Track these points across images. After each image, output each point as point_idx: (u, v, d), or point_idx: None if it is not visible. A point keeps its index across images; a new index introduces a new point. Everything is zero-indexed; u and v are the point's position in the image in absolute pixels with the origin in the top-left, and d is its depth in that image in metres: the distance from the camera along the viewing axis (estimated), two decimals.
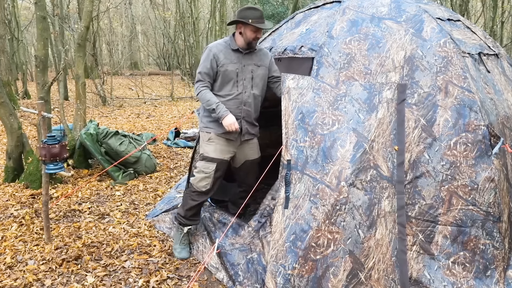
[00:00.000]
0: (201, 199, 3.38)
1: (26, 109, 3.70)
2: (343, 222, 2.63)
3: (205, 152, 3.35)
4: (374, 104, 2.83)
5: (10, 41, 13.16)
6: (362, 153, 2.70)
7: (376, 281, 2.61)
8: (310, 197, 2.69)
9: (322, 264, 2.58)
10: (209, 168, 3.31)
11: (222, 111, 3.15)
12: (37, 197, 4.66)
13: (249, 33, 3.20)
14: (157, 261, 3.35)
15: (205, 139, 3.37)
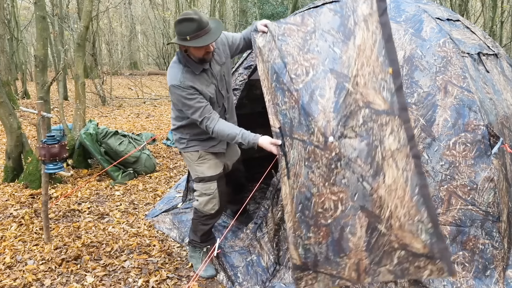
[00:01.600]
0: (213, 221, 3.19)
1: (25, 109, 3.70)
2: (344, 179, 2.34)
3: (199, 173, 3.07)
4: (349, 29, 2.38)
5: (10, 41, 13.16)
6: (345, 95, 2.32)
7: (399, 229, 2.21)
8: (304, 162, 2.46)
9: (336, 226, 2.35)
10: (210, 188, 3.06)
11: (249, 139, 2.75)
12: (37, 197, 4.66)
13: (195, 51, 2.75)
14: (157, 261, 3.35)
15: (194, 159, 3.07)
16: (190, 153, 3.08)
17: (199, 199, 3.10)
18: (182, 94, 2.77)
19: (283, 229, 2.95)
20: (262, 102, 5.57)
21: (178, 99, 2.80)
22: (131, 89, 15.92)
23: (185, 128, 3.04)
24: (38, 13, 5.28)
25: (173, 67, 2.85)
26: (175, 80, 2.78)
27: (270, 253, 3.01)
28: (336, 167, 2.35)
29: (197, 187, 3.11)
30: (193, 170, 3.12)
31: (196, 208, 3.13)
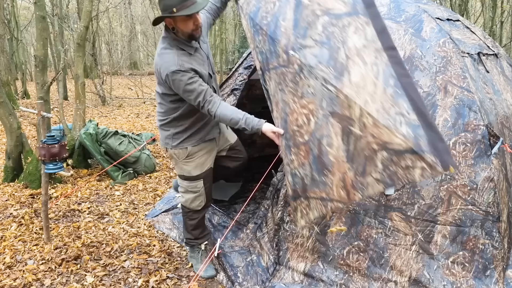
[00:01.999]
0: (200, 215, 3.15)
1: (25, 109, 3.70)
2: (309, 89, 2.26)
3: (185, 172, 2.98)
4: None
5: (10, 41, 13.16)
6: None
7: (374, 126, 2.05)
8: (277, 86, 2.46)
9: (313, 142, 2.29)
10: (197, 187, 3.01)
11: (253, 124, 2.60)
12: (37, 197, 4.66)
13: (182, 25, 2.62)
14: (157, 261, 3.35)
15: (182, 157, 2.95)
16: (178, 151, 2.94)
17: (184, 196, 3.07)
18: (183, 78, 2.62)
19: (283, 229, 2.95)
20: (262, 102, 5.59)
21: (179, 85, 2.64)
22: (131, 89, 15.92)
23: (178, 121, 2.88)
24: (38, 13, 5.28)
25: (165, 53, 2.67)
26: (174, 65, 2.62)
27: (270, 253, 3.01)
28: (300, 78, 2.29)
29: (182, 184, 3.05)
30: (179, 167, 3.04)
31: (183, 204, 3.12)
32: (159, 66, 2.70)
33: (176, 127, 2.91)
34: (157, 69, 2.74)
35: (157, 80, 2.85)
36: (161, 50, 2.71)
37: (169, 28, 2.70)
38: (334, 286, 2.78)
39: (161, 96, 2.87)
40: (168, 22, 2.66)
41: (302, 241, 2.90)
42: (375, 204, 2.79)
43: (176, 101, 2.82)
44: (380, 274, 2.75)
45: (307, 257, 2.90)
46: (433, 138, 1.92)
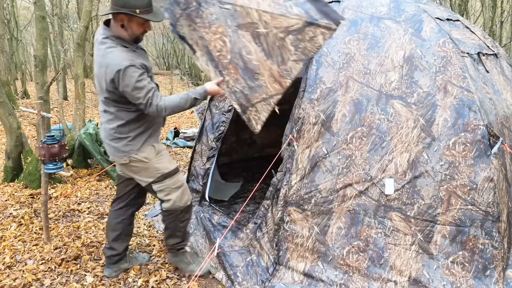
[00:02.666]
0: (191, 211, 3.06)
1: (25, 108, 3.70)
2: (213, 16, 2.64)
3: (164, 169, 2.86)
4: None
5: (9, 40, 13.14)
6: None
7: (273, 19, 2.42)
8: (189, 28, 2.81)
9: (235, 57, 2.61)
10: (179, 180, 2.93)
11: (199, 92, 2.71)
12: (36, 197, 4.65)
13: (136, 27, 2.65)
14: (156, 261, 3.35)
15: (153, 157, 2.84)
16: (146, 152, 2.81)
17: (171, 197, 2.90)
18: (135, 75, 2.55)
19: (283, 229, 2.95)
20: None
21: (129, 81, 2.54)
22: None
23: (135, 122, 2.76)
24: (37, 13, 5.27)
25: (111, 52, 2.59)
26: (125, 60, 2.55)
27: (270, 253, 3.01)
28: (202, 11, 2.67)
29: (162, 186, 2.88)
30: (153, 170, 2.85)
31: (170, 208, 2.94)
32: (106, 66, 2.58)
33: (135, 130, 2.77)
34: (102, 72, 2.61)
35: (100, 88, 2.70)
36: (105, 50, 2.61)
37: (112, 27, 2.66)
38: (334, 286, 2.78)
39: (111, 103, 2.71)
40: (121, 19, 2.62)
41: (302, 241, 2.90)
42: (375, 204, 2.79)
43: (127, 103, 2.69)
44: (380, 274, 2.75)
45: (307, 257, 2.90)
46: (318, 6, 2.29)
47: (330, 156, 2.87)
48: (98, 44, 2.68)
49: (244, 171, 5.11)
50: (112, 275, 3.13)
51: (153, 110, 2.62)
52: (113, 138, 2.78)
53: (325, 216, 2.86)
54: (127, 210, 3.13)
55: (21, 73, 14.41)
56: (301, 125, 2.96)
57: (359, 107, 2.89)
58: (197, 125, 8.73)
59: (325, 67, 3.02)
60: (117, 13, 2.61)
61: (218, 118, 3.81)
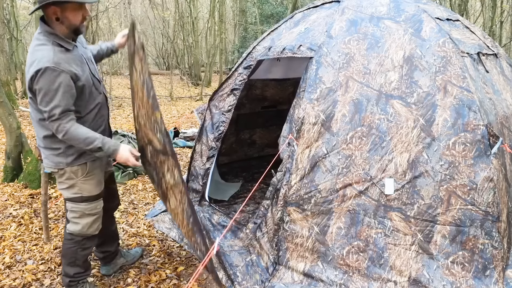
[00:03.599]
0: (94, 241, 2.83)
1: (25, 108, 3.70)
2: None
3: (85, 192, 2.62)
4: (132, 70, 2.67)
5: (9, 40, 13.14)
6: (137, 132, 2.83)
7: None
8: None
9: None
10: (97, 208, 2.70)
11: (110, 145, 2.48)
12: (36, 197, 4.66)
13: (72, 15, 2.37)
14: (156, 261, 3.35)
15: (80, 175, 2.59)
16: (76, 167, 2.56)
17: (80, 221, 2.65)
18: (57, 79, 2.29)
19: (282, 229, 2.95)
20: (261, 102, 5.59)
21: (44, 83, 2.28)
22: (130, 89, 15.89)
23: None
24: (37, 13, 5.27)
25: (39, 50, 2.33)
26: (48, 61, 2.28)
27: (270, 253, 3.01)
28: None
29: (76, 208, 2.64)
30: (74, 188, 2.61)
31: (74, 233, 2.68)
32: (30, 64, 2.33)
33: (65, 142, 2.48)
34: (27, 70, 2.36)
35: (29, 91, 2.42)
36: (35, 48, 2.37)
37: (46, 21, 2.41)
38: (333, 286, 2.78)
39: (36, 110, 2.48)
40: (53, 11, 2.35)
41: (302, 241, 2.90)
42: (374, 204, 2.79)
43: None
44: (380, 274, 2.75)
45: (307, 257, 2.90)
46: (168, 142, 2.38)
47: (330, 156, 2.87)
48: (32, 40, 2.44)
49: (243, 171, 5.11)
50: (110, 272, 3.14)
51: (52, 126, 2.38)
52: (44, 148, 2.59)
53: (325, 216, 2.86)
54: (104, 215, 2.87)
55: (21, 73, 14.39)
56: (301, 125, 2.96)
57: (359, 107, 2.89)
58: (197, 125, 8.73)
59: (325, 67, 3.02)
60: (46, 5, 2.32)
61: (218, 118, 3.81)
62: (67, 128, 2.36)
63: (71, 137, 2.38)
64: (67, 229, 2.72)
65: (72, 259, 2.74)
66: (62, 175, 2.60)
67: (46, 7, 2.33)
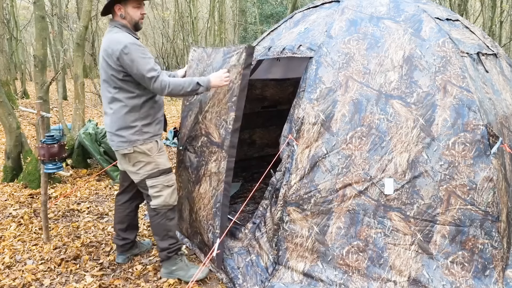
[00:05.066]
0: (176, 213, 3.10)
1: (24, 108, 3.69)
2: (184, 177, 3.44)
3: (162, 165, 2.96)
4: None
5: (9, 40, 13.15)
6: (195, 123, 3.30)
7: (198, 222, 3.25)
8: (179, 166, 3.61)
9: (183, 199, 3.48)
10: (172, 179, 3.02)
11: (203, 78, 2.85)
12: (36, 197, 4.65)
13: (133, 11, 2.83)
14: (156, 261, 3.34)
15: (155, 151, 2.93)
16: (150, 145, 2.90)
17: (162, 193, 2.96)
18: (140, 49, 2.70)
19: (282, 229, 2.95)
20: (261, 102, 5.58)
21: (135, 57, 2.68)
22: None
23: (140, 109, 2.85)
24: (37, 13, 5.27)
25: (116, 35, 2.76)
26: (130, 38, 2.73)
27: (269, 253, 3.01)
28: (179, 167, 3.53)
29: (156, 182, 2.94)
30: (152, 164, 2.92)
31: (158, 206, 2.97)
32: (111, 47, 2.72)
33: (142, 119, 2.86)
34: (107, 55, 2.74)
35: (106, 75, 2.79)
36: (112, 35, 2.78)
37: (115, 18, 2.85)
38: (333, 286, 2.78)
39: (117, 89, 2.80)
40: (118, 8, 2.80)
41: (302, 241, 2.90)
42: (374, 204, 2.79)
43: (136, 86, 2.80)
44: (380, 274, 2.75)
45: (307, 257, 2.90)
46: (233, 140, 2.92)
47: (329, 156, 2.87)
48: (106, 34, 2.86)
49: (243, 171, 5.11)
50: (125, 260, 3.31)
51: (157, 85, 2.73)
52: (120, 128, 2.85)
53: (325, 216, 2.86)
54: (131, 204, 3.26)
55: (21, 73, 14.42)
56: (301, 125, 2.96)
57: (359, 107, 2.89)
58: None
59: (325, 67, 3.02)
60: (114, 2, 2.79)
61: None
62: (168, 81, 2.74)
63: (175, 87, 2.77)
64: (151, 205, 2.99)
65: (164, 232, 3.01)
66: (137, 155, 2.89)
67: (113, 4, 2.79)
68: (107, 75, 2.80)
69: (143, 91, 2.83)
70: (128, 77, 2.77)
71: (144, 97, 2.85)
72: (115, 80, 2.78)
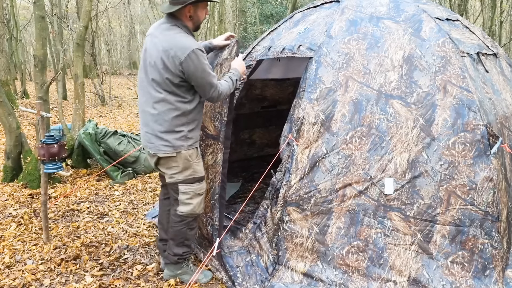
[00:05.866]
0: (197, 222, 3.06)
1: (24, 108, 3.69)
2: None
3: (199, 173, 2.90)
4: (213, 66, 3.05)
5: (9, 40, 13.14)
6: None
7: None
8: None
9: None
10: (203, 188, 2.96)
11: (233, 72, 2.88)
12: (36, 197, 4.65)
13: (201, 12, 2.79)
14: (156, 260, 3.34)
15: (194, 157, 2.87)
16: (191, 151, 2.83)
17: (192, 201, 2.89)
18: (203, 56, 2.65)
19: (282, 229, 2.95)
20: (261, 102, 5.58)
21: (200, 64, 2.62)
22: (130, 89, 15.91)
23: (191, 115, 2.78)
24: (37, 13, 5.27)
25: (180, 36, 2.67)
26: (195, 44, 2.65)
27: (269, 253, 3.01)
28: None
29: (189, 189, 2.87)
30: (188, 170, 2.84)
31: (186, 213, 2.90)
32: (175, 50, 2.60)
33: (188, 124, 2.78)
34: (167, 56, 2.62)
35: (158, 75, 2.67)
36: (175, 35, 2.66)
37: (179, 17, 2.75)
38: (333, 286, 2.78)
39: (168, 91, 2.70)
40: (189, 9, 2.72)
41: (302, 241, 2.90)
42: (374, 204, 2.79)
43: (189, 91, 2.74)
44: (379, 274, 2.75)
45: (307, 257, 2.90)
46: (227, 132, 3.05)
47: (329, 156, 2.87)
48: (163, 30, 2.73)
49: (243, 171, 5.11)
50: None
51: (215, 94, 2.72)
52: (165, 131, 2.75)
53: (325, 216, 2.86)
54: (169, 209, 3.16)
55: (21, 73, 14.40)
56: (301, 125, 2.96)
57: (359, 107, 2.89)
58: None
59: (325, 67, 3.02)
60: (186, 5, 2.68)
61: None
62: (220, 91, 2.74)
63: (225, 92, 2.78)
64: (178, 211, 2.91)
65: (182, 239, 2.95)
66: (177, 159, 2.81)
67: (185, 5, 2.68)
68: (160, 76, 2.68)
69: (193, 96, 2.77)
70: (185, 82, 2.69)
71: (194, 103, 2.78)
72: (169, 83, 2.68)
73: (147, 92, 2.78)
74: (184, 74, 2.64)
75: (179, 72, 2.63)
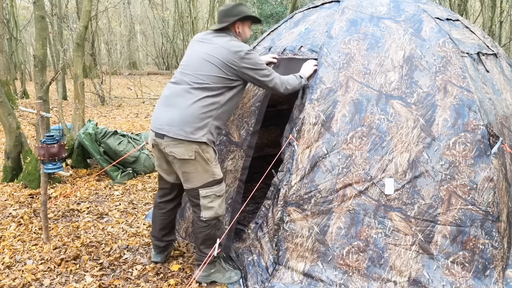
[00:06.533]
0: (222, 222, 3.05)
1: (24, 108, 3.69)
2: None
3: (217, 175, 2.89)
4: None
5: (9, 40, 13.13)
6: None
7: None
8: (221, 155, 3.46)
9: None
10: (223, 189, 2.96)
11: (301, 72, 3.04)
12: (36, 197, 4.65)
13: (247, 30, 3.03)
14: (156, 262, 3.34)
15: (212, 159, 2.86)
16: (211, 153, 2.85)
17: (213, 204, 2.88)
18: (257, 56, 2.87)
19: (282, 229, 2.95)
20: None
21: (255, 61, 2.82)
22: (130, 89, 15.90)
23: (222, 114, 2.88)
24: (37, 13, 5.27)
25: (235, 41, 2.89)
26: (246, 46, 2.87)
27: (270, 253, 3.01)
28: None
29: (210, 192, 2.86)
30: (209, 173, 2.84)
31: (210, 218, 2.88)
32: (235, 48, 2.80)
33: (219, 119, 2.86)
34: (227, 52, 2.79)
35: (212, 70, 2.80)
36: (230, 40, 2.87)
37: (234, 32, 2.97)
38: (333, 286, 2.78)
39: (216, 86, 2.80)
40: (237, 25, 2.95)
41: (302, 241, 2.90)
42: (375, 204, 2.79)
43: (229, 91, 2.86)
44: (380, 274, 2.75)
45: (307, 257, 2.90)
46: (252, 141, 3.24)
47: (330, 156, 2.86)
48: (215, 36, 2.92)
49: None
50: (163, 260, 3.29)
51: (274, 84, 2.90)
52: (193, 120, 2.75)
53: (325, 216, 2.86)
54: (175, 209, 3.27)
55: (21, 73, 14.41)
56: (301, 125, 2.96)
57: (359, 107, 2.89)
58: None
59: (325, 67, 3.01)
60: (235, 22, 2.91)
61: None
62: (282, 79, 2.92)
63: (290, 83, 2.96)
64: (202, 217, 2.89)
65: (211, 241, 2.91)
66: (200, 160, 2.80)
67: (234, 21, 2.90)
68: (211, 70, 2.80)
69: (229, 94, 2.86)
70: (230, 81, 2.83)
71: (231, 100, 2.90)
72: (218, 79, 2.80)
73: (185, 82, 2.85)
74: (239, 69, 2.81)
75: (234, 66, 2.80)
